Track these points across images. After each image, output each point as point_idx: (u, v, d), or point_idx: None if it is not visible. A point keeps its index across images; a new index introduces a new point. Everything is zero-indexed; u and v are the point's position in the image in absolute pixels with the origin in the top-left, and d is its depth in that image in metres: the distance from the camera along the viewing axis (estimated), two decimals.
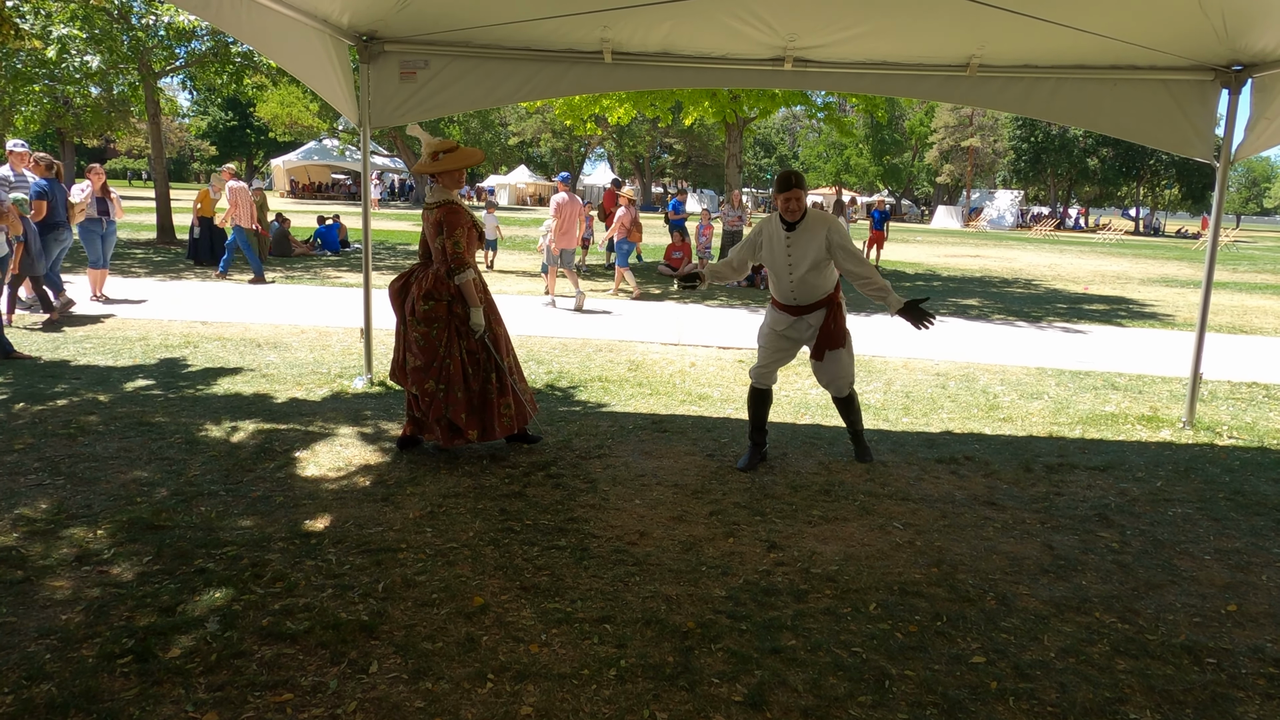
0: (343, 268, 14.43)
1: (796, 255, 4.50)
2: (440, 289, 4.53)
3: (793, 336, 4.74)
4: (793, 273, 4.54)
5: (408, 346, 4.63)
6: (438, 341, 4.54)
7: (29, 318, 8.52)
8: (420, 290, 4.54)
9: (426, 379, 4.54)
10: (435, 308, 4.52)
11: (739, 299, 12.54)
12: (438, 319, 4.53)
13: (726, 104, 15.98)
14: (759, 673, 2.73)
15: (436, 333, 4.53)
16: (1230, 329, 11.33)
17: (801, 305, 4.62)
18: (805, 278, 4.53)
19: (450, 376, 4.54)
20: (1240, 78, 5.54)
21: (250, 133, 57.40)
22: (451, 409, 4.54)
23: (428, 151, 4.60)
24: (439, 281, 4.53)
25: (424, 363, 4.54)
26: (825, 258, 4.49)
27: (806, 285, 4.55)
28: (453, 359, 4.55)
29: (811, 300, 4.60)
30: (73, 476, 4.19)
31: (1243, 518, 4.28)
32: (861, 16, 5.17)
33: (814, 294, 4.57)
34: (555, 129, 49.21)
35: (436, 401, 4.54)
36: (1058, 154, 53.76)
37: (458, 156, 4.59)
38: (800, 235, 4.49)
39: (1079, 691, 2.70)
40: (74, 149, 35.88)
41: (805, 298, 4.59)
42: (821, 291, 4.58)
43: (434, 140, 4.62)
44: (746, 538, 3.81)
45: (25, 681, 2.53)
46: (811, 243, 4.47)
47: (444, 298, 4.53)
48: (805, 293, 4.58)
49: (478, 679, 2.64)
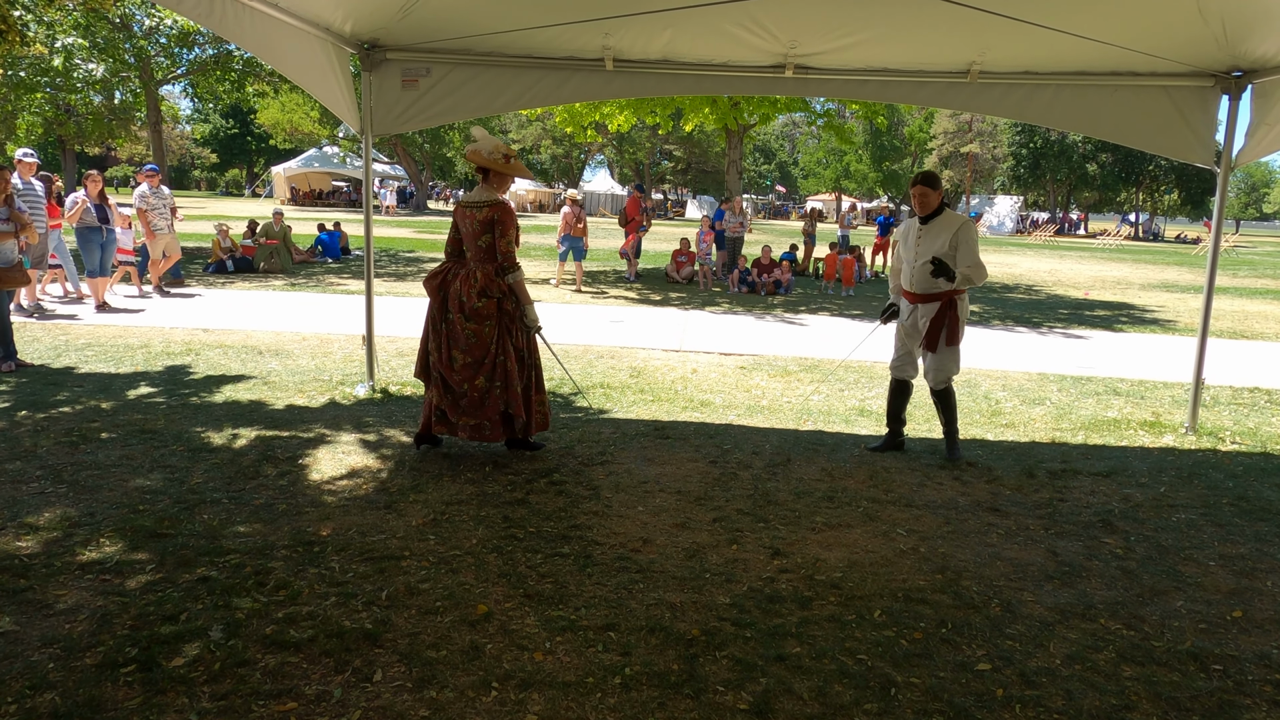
0: (345, 275, 14.44)
1: (924, 246, 4.91)
2: (492, 286, 4.62)
3: (910, 324, 5.10)
4: (916, 260, 4.94)
5: (454, 343, 4.66)
6: (489, 339, 4.63)
7: (30, 325, 8.53)
8: (471, 287, 4.60)
9: (478, 375, 4.63)
10: (488, 305, 4.61)
11: (741, 306, 12.54)
12: (489, 316, 4.62)
13: (727, 111, 16.02)
14: (764, 680, 2.73)
15: (488, 330, 4.62)
16: (1231, 334, 11.33)
17: (917, 294, 4.98)
18: (925, 267, 4.87)
19: (508, 372, 4.65)
20: (1240, 84, 5.55)
21: (251, 140, 57.54)
22: (512, 404, 4.66)
23: (496, 151, 4.65)
24: (490, 279, 4.62)
25: (475, 359, 4.62)
26: (948, 254, 4.82)
27: (924, 274, 4.89)
28: (507, 355, 4.66)
29: (927, 291, 4.94)
30: (75, 484, 4.18)
31: (1247, 523, 4.27)
32: (862, 24, 5.18)
33: (931, 285, 4.91)
34: (555, 136, 49.32)
35: (494, 397, 4.64)
36: (1057, 159, 53.86)
37: (520, 166, 4.76)
38: (932, 229, 4.91)
39: (1085, 699, 2.69)
40: (75, 156, 35.96)
41: (922, 287, 4.95)
42: (937, 286, 4.90)
43: (499, 141, 4.70)
44: (750, 544, 3.80)
45: (29, 691, 2.52)
46: (939, 236, 4.85)
47: (495, 295, 4.62)
48: (923, 282, 4.92)
49: (482, 687, 2.64)
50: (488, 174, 4.67)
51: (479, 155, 4.65)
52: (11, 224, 6.67)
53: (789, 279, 14.46)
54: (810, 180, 70.95)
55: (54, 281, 10.69)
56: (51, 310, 9.49)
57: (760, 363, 7.99)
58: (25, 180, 8.92)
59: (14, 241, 6.71)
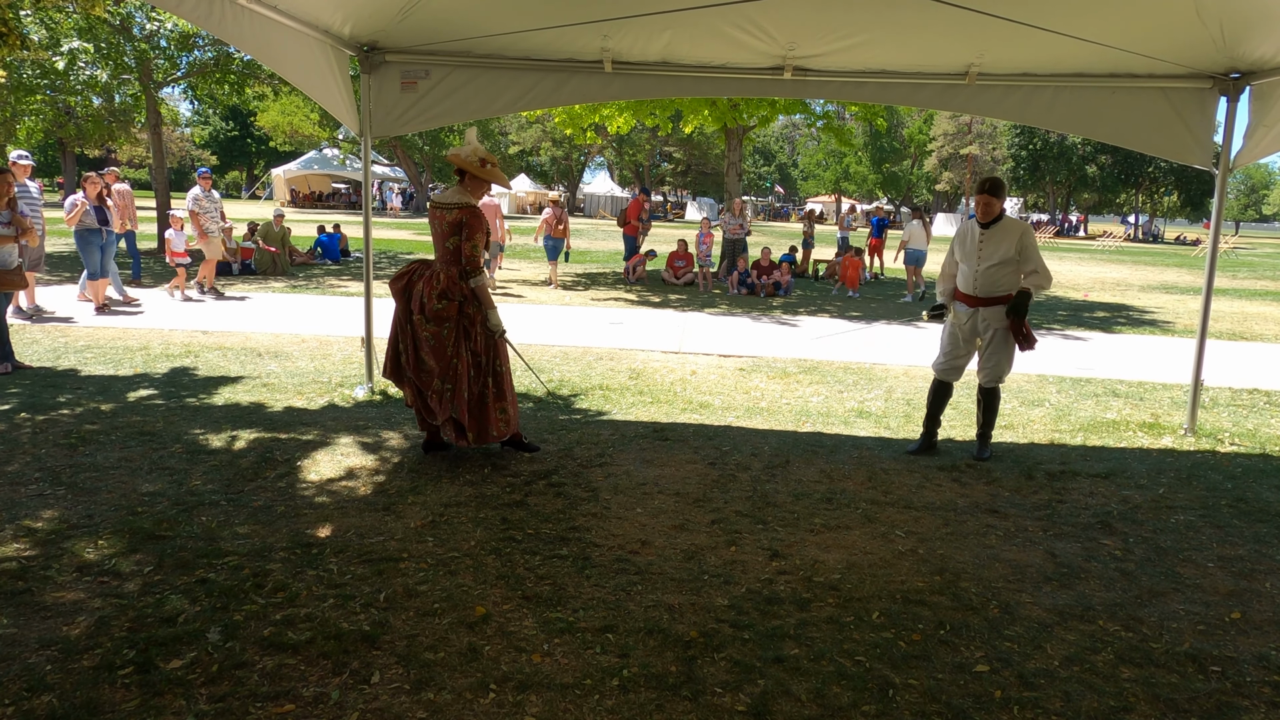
0: (344, 276, 14.45)
1: (987, 251, 5.04)
2: (454, 289, 4.59)
3: (970, 328, 5.18)
4: (980, 264, 5.05)
5: (418, 345, 4.65)
6: (447, 341, 4.60)
7: (29, 328, 8.53)
8: (432, 289, 4.58)
9: (434, 378, 4.61)
10: (448, 307, 4.58)
11: (740, 307, 12.54)
12: (449, 319, 4.59)
13: (726, 112, 16.03)
14: (762, 682, 2.72)
15: (447, 333, 4.60)
16: (1230, 335, 11.33)
17: (981, 297, 5.07)
18: (990, 271, 5.02)
19: (457, 376, 4.60)
20: (1238, 85, 5.55)
21: (251, 142, 57.54)
22: (458, 409, 4.61)
23: (474, 155, 4.66)
24: (453, 282, 4.60)
25: (434, 362, 4.60)
26: (1014, 258, 4.98)
27: (989, 278, 5.03)
28: (460, 359, 4.62)
29: (991, 294, 5.05)
30: (74, 487, 4.18)
31: (1245, 525, 4.27)
32: (861, 25, 5.19)
33: (995, 289, 5.04)
34: (555, 138, 49.29)
35: (445, 401, 4.61)
36: (1056, 161, 53.87)
37: (497, 173, 4.75)
38: (994, 234, 5.05)
39: (1084, 700, 2.69)
40: (75, 159, 35.97)
41: (986, 290, 5.06)
42: (1002, 289, 5.03)
43: (480, 146, 4.71)
44: (749, 546, 3.80)
45: (26, 693, 2.52)
46: (1003, 242, 5.00)
47: (456, 298, 4.60)
48: (987, 285, 5.04)
49: (480, 689, 2.64)
50: (464, 176, 4.68)
51: (458, 157, 4.68)
52: (12, 228, 6.68)
53: (789, 281, 14.47)
54: (810, 182, 71.00)
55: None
56: (51, 313, 9.49)
57: (759, 364, 8.00)
58: (20, 183, 8.92)
59: (14, 245, 6.72)
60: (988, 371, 5.16)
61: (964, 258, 5.16)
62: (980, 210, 5.07)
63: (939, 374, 5.32)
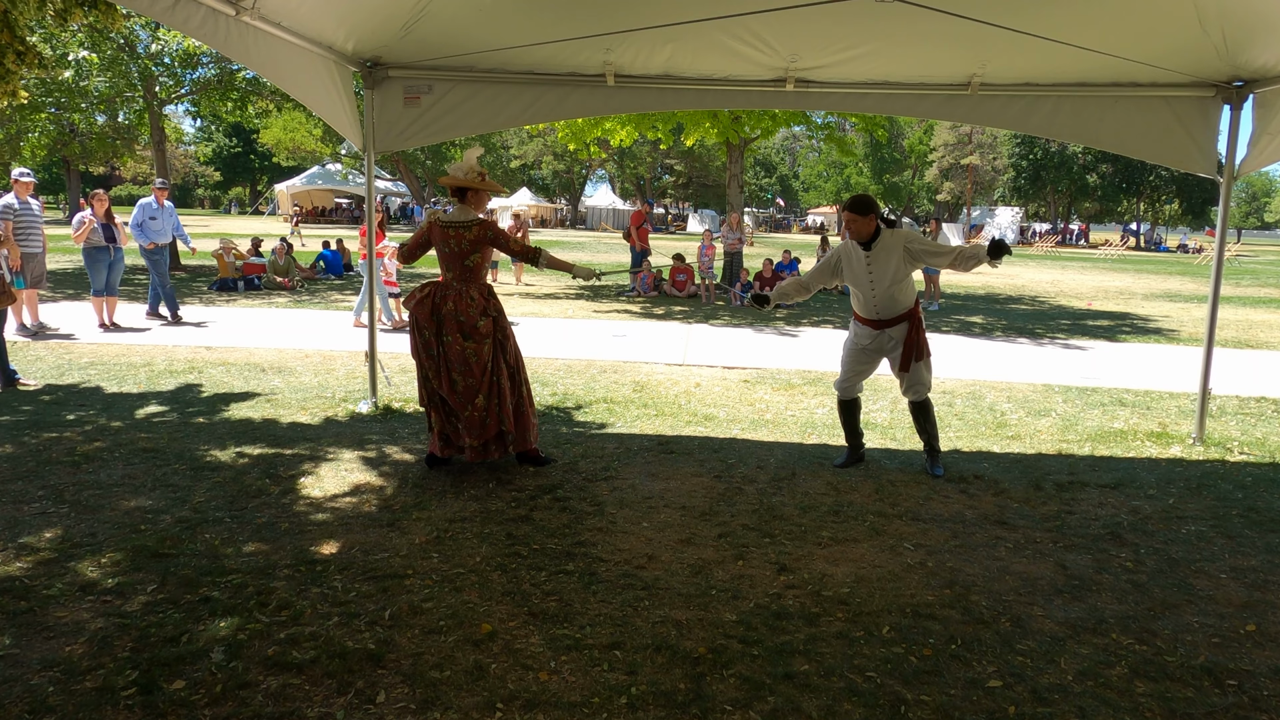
0: (347, 291, 14.46)
1: (877, 273, 4.79)
2: (491, 305, 4.74)
3: (874, 349, 5.02)
4: (875, 289, 4.82)
5: (451, 366, 4.66)
6: (487, 357, 4.68)
7: (32, 345, 8.53)
8: (469, 306, 4.65)
9: (477, 394, 4.66)
10: (487, 324, 4.67)
11: (743, 319, 12.53)
12: (488, 335, 4.69)
13: (728, 125, 16.08)
14: (772, 699, 2.69)
15: (487, 349, 4.68)
16: (1236, 343, 11.29)
17: (884, 319, 4.90)
18: (888, 292, 4.81)
19: (501, 390, 4.71)
20: (1242, 93, 5.55)
21: (254, 158, 57.87)
22: (505, 420, 4.72)
23: (471, 170, 4.73)
24: (488, 297, 4.75)
25: (475, 379, 4.66)
26: (905, 272, 4.78)
27: (889, 300, 4.83)
28: (500, 373, 4.72)
29: (893, 314, 4.88)
30: (77, 504, 4.16)
31: (1257, 535, 4.23)
32: (863, 37, 5.19)
33: (895, 308, 4.86)
34: (557, 151, 49.50)
35: (492, 416, 4.69)
36: (1057, 171, 53.91)
37: (493, 183, 4.93)
38: (878, 254, 4.77)
39: (1098, 716, 2.65)
40: (79, 176, 36.16)
41: (887, 312, 4.87)
42: (902, 306, 4.86)
43: (473, 160, 4.78)
44: (756, 560, 3.77)
45: (28, 715, 2.50)
46: (890, 259, 4.74)
47: (493, 313, 4.73)
48: (888, 307, 4.86)
49: (487, 708, 2.60)
50: (465, 194, 4.74)
51: (454, 179, 4.74)
52: None
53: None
54: (811, 193, 71.17)
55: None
56: (54, 329, 9.50)
57: (764, 376, 7.97)
58: (22, 200, 8.94)
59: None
60: (912, 388, 4.98)
61: (854, 282, 4.89)
62: (851, 232, 4.80)
63: (842, 394, 5.16)
